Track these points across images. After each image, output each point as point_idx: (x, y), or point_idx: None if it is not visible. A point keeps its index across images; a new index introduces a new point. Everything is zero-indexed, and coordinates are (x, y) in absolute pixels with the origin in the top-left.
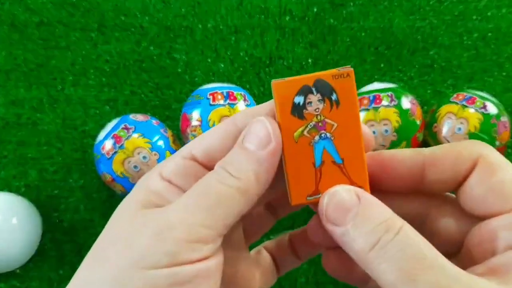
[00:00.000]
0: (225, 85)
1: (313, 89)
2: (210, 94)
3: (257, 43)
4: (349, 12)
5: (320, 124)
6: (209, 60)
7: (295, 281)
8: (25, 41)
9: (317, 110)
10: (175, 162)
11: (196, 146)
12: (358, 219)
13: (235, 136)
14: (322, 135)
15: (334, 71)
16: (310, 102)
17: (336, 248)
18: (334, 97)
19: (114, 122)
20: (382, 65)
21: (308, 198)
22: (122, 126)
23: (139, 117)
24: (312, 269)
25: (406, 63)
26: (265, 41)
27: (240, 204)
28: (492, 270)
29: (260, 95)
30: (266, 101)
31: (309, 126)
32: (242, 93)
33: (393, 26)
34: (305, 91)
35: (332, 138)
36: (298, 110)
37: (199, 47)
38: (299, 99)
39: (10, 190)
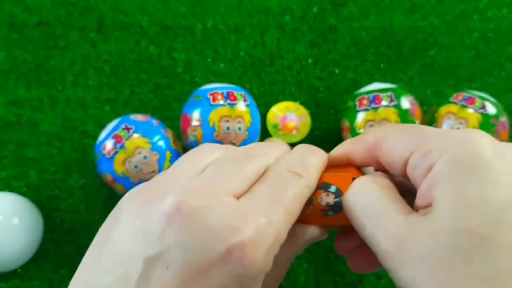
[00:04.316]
0: (225, 85)
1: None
2: (210, 94)
3: (257, 43)
4: (350, 12)
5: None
6: (209, 60)
7: (295, 281)
8: (24, 41)
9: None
10: None
11: None
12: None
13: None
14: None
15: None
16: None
17: (355, 250)
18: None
19: (114, 122)
20: (382, 65)
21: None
22: (123, 126)
23: (139, 117)
24: (312, 268)
25: (406, 63)
26: (265, 40)
27: None
28: (424, 200)
29: (260, 95)
30: (266, 101)
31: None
32: (242, 93)
33: (393, 25)
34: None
35: None
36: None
37: (199, 47)
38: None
39: (10, 190)
